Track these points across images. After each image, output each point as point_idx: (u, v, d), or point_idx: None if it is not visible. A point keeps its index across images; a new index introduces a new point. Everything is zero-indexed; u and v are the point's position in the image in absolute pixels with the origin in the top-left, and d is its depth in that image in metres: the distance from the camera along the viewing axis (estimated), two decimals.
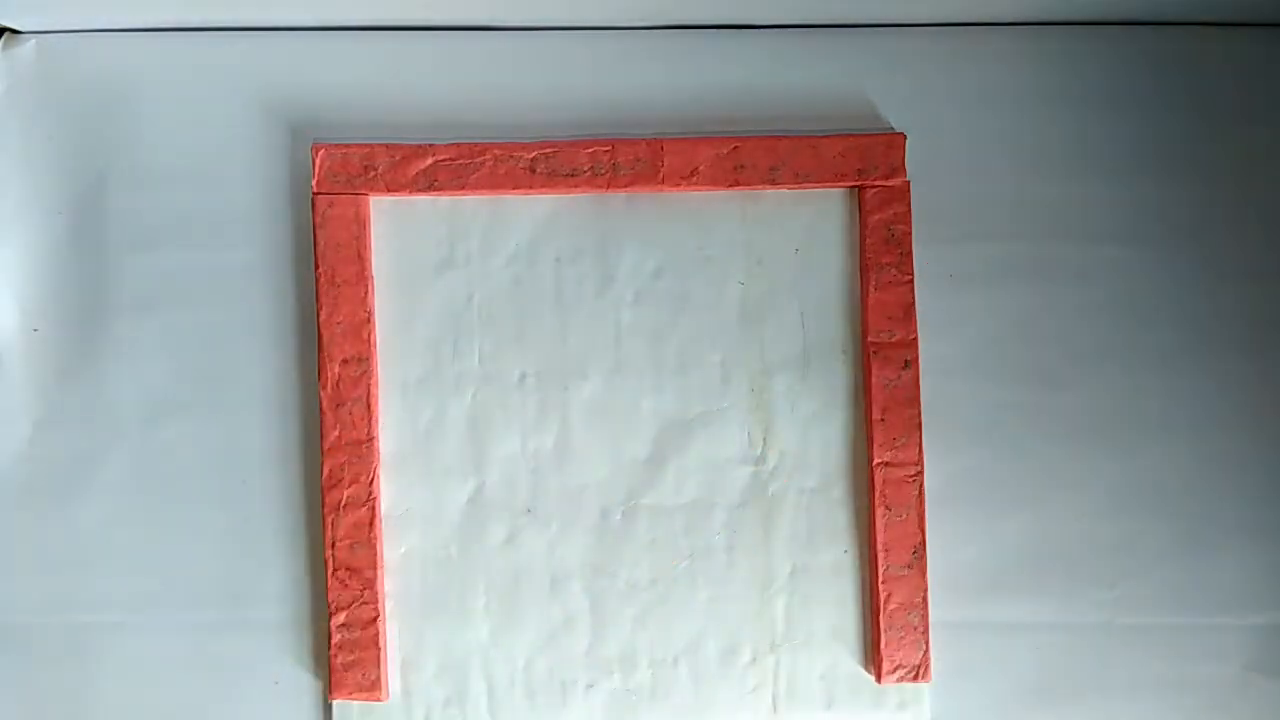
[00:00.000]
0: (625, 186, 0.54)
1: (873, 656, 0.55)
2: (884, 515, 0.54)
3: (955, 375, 0.56)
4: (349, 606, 0.54)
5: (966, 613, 0.55)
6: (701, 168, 0.54)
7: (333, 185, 0.54)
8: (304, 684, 0.55)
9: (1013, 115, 0.56)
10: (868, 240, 0.55)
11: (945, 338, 0.56)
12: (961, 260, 0.56)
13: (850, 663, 0.55)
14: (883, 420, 0.54)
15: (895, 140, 0.55)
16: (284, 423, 0.55)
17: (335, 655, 0.54)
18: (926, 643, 0.54)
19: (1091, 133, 0.56)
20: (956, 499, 0.55)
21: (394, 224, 0.55)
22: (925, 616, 0.54)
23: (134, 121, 0.56)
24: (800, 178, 0.54)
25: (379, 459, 0.54)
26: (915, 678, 0.54)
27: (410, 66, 0.56)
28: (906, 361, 0.54)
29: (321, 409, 0.54)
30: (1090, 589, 0.55)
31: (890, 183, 0.55)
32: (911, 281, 0.55)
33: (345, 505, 0.54)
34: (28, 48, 0.56)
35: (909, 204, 0.55)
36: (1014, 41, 0.57)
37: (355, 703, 0.54)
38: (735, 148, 0.54)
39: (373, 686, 0.53)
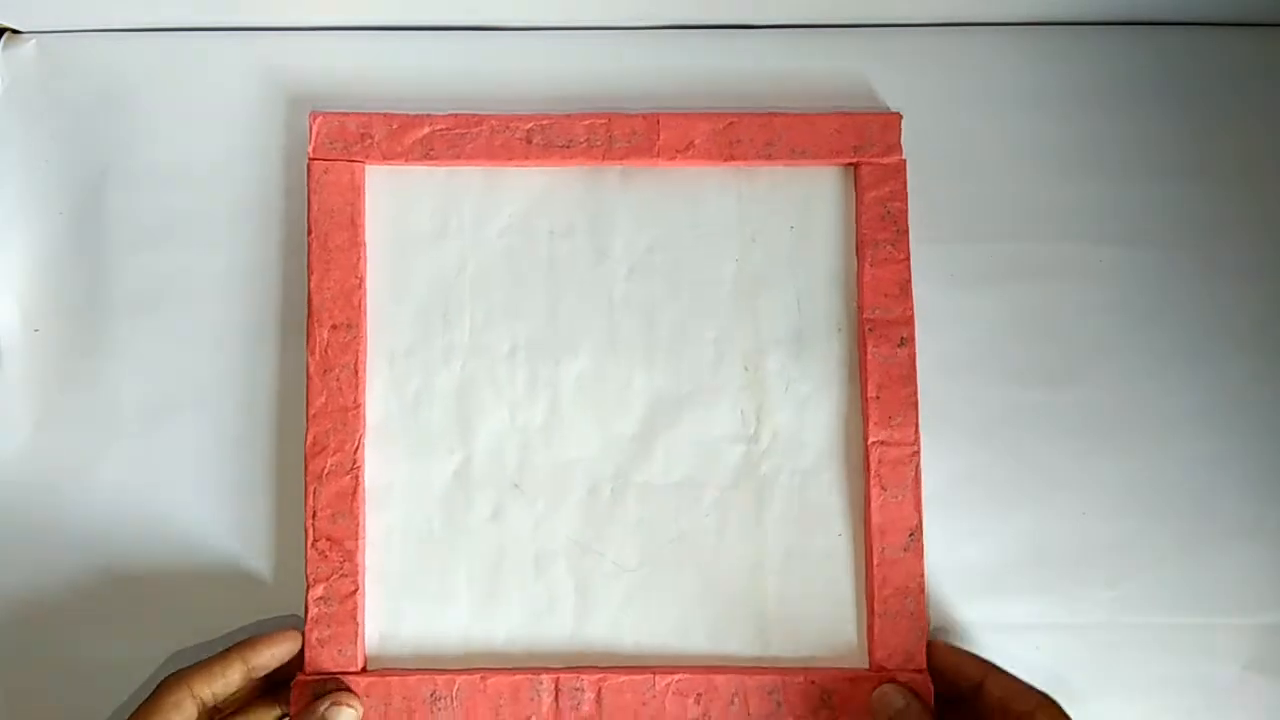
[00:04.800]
0: (620, 159, 0.54)
1: (867, 643, 0.53)
2: (879, 496, 0.53)
3: (955, 375, 0.55)
4: (327, 579, 0.52)
5: (966, 612, 0.54)
6: (697, 142, 0.54)
7: (329, 152, 0.54)
8: None
9: (1013, 115, 0.56)
10: (863, 217, 0.54)
11: (945, 337, 0.55)
12: (961, 260, 0.56)
13: (843, 649, 0.53)
14: (878, 398, 0.53)
15: (891, 118, 0.55)
16: (284, 430, 0.55)
17: (311, 630, 0.52)
18: (923, 628, 0.52)
19: (1091, 133, 0.56)
20: (956, 499, 0.54)
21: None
22: (921, 601, 0.52)
23: (134, 121, 0.56)
24: (796, 154, 0.54)
25: (364, 427, 0.53)
26: (909, 664, 0.52)
27: (409, 50, 0.56)
28: (902, 339, 0.54)
29: (308, 374, 0.53)
30: (1090, 589, 0.54)
31: (886, 160, 0.54)
32: (907, 259, 0.54)
33: (328, 474, 0.53)
34: (28, 48, 0.57)
35: (905, 181, 0.54)
36: (1014, 41, 0.57)
37: None
38: (731, 123, 0.54)
39: (349, 663, 0.52)
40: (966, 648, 0.53)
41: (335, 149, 0.54)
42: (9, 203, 0.56)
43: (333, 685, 0.51)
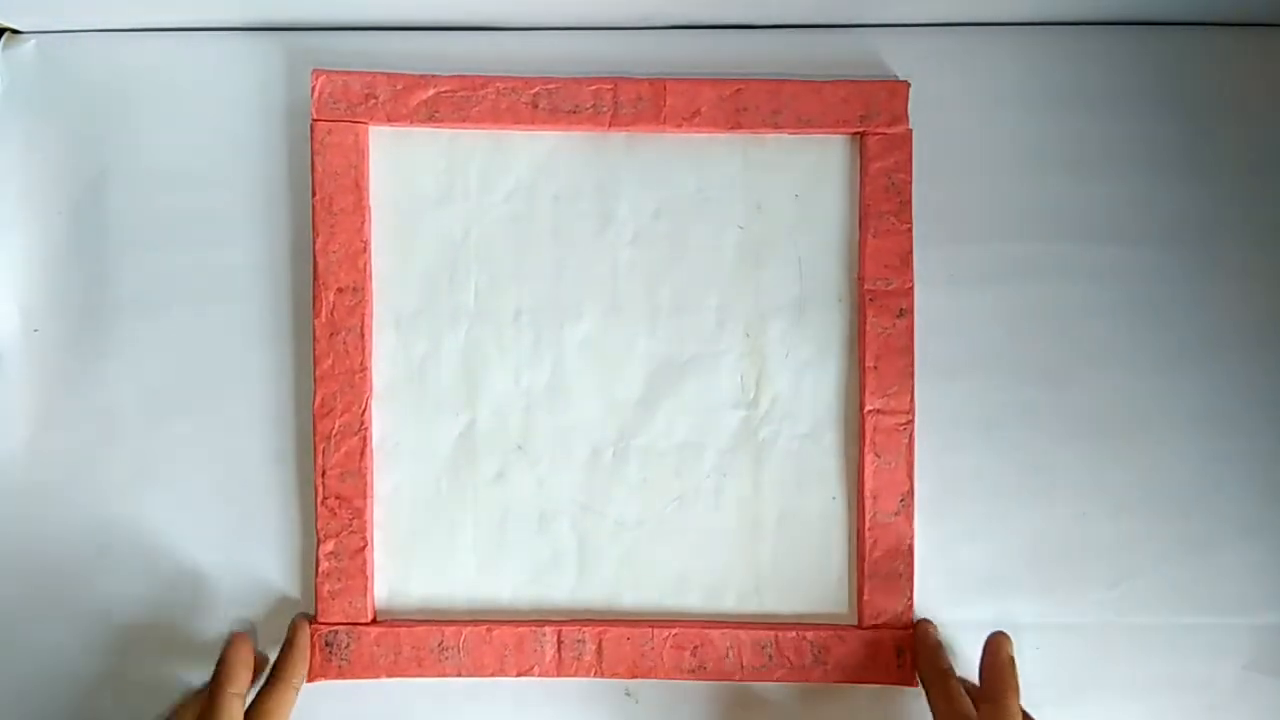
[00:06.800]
0: (627, 125, 0.54)
1: (856, 602, 0.55)
2: (873, 462, 0.54)
3: (955, 374, 0.55)
4: (337, 535, 0.54)
5: (967, 612, 0.55)
6: (704, 109, 0.54)
7: (332, 113, 0.54)
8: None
9: (1013, 115, 0.56)
10: (867, 188, 0.55)
11: (945, 338, 0.55)
12: (961, 260, 0.56)
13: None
14: (875, 368, 0.54)
15: (898, 88, 0.54)
16: (283, 421, 0.55)
17: (322, 583, 0.54)
18: (911, 590, 0.54)
19: (1091, 133, 0.56)
20: (957, 498, 0.55)
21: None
22: (910, 564, 0.54)
23: (134, 121, 0.55)
24: (802, 122, 0.54)
25: (371, 389, 0.54)
26: (896, 622, 0.54)
27: (411, 47, 0.56)
28: (901, 310, 0.54)
29: (315, 336, 0.54)
30: (1091, 588, 0.55)
31: (892, 130, 0.54)
32: (910, 230, 0.55)
33: (336, 434, 0.54)
34: (28, 48, 0.56)
35: (910, 152, 0.54)
36: (1014, 41, 0.56)
37: None
38: (738, 90, 0.54)
39: (359, 614, 0.54)
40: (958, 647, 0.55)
41: (338, 110, 0.54)
42: (9, 203, 0.55)
43: (344, 635, 0.53)
